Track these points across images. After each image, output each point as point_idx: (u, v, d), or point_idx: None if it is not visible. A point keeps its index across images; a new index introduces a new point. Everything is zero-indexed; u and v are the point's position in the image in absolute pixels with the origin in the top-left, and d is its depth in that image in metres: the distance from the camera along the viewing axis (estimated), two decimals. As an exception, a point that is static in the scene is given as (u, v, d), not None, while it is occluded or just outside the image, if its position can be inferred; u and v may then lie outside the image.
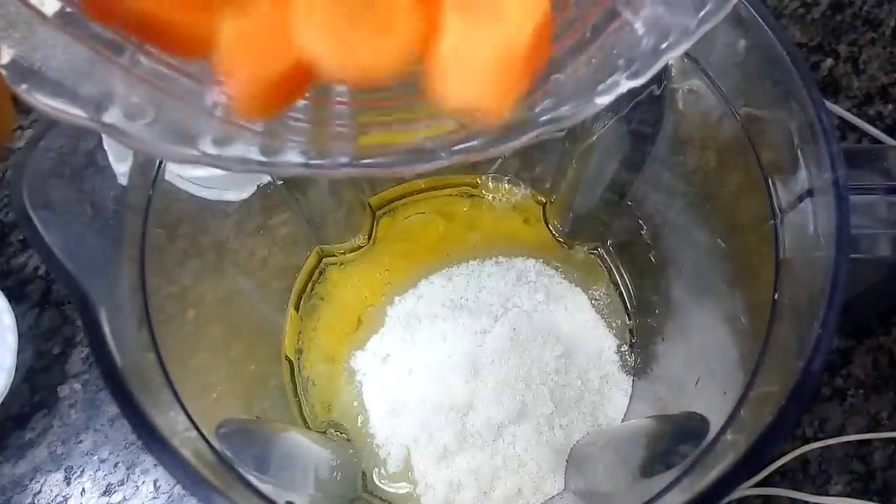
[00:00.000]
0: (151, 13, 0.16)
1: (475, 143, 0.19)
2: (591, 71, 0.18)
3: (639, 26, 0.18)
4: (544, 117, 0.18)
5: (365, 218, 0.45)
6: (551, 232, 0.45)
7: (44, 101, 0.18)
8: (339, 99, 0.20)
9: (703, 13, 0.17)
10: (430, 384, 0.40)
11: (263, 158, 0.19)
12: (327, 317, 0.44)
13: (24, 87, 0.17)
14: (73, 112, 0.17)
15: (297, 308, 0.44)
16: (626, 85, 0.18)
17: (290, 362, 0.43)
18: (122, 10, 0.16)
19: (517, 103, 0.18)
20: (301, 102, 0.21)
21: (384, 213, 0.46)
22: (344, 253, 0.44)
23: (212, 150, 0.19)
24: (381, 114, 0.20)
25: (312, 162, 0.19)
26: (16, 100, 0.17)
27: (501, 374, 0.39)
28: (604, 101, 0.18)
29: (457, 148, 0.19)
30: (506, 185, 0.45)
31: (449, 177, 0.46)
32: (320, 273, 0.45)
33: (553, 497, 0.37)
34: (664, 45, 0.18)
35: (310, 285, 0.44)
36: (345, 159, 0.19)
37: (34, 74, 0.17)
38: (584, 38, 0.19)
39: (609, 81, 0.18)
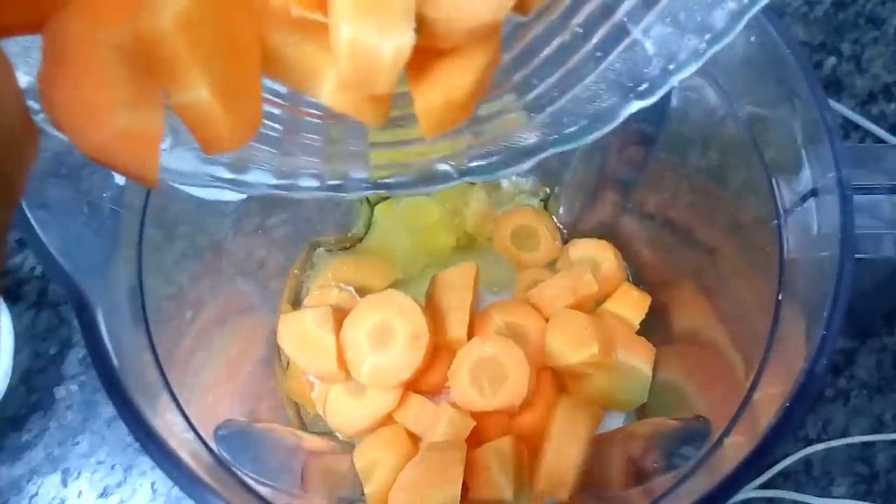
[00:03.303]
0: None
1: (484, 163, 0.18)
2: (599, 91, 0.18)
3: (649, 46, 0.18)
4: (553, 136, 0.18)
5: (364, 211, 0.44)
6: (555, 224, 0.45)
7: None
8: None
9: (711, 35, 0.17)
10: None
11: (280, 182, 0.19)
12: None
13: (41, 116, 0.16)
14: None
15: (291, 303, 0.43)
16: (635, 105, 0.18)
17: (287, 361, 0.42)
18: None
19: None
20: (314, 121, 0.20)
21: (383, 202, 0.45)
22: (343, 248, 0.44)
23: (227, 175, 0.19)
24: (391, 131, 0.20)
25: (329, 183, 0.19)
26: None
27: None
28: (611, 124, 0.18)
29: (471, 166, 0.18)
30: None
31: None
32: (313, 266, 0.44)
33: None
34: (672, 66, 0.17)
35: (304, 279, 0.44)
36: (360, 177, 0.19)
37: None
38: (592, 56, 0.19)
39: (614, 101, 0.18)
